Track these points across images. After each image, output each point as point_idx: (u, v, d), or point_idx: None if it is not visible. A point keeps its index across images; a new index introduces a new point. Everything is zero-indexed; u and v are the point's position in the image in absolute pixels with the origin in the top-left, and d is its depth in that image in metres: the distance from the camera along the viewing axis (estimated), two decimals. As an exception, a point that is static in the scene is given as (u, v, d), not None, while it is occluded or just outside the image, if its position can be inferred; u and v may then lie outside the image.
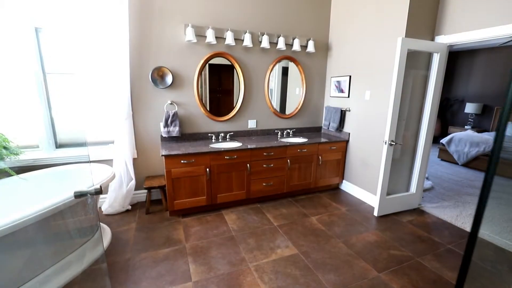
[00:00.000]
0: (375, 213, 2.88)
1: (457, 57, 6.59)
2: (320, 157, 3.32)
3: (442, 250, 2.33)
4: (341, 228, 2.66)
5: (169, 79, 2.93)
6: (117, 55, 2.65)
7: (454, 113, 6.84)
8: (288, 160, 3.14)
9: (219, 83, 3.29)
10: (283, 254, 2.23)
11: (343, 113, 3.51)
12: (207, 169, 2.74)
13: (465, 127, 6.38)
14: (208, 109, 3.25)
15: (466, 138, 4.89)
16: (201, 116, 3.21)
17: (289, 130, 3.65)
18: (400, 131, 2.85)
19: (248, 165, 2.93)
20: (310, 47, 3.47)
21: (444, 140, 5.21)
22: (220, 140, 3.22)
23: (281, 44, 3.28)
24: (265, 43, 3.20)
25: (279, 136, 3.55)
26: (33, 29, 2.49)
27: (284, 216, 2.87)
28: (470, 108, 6.27)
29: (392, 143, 2.65)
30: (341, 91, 3.52)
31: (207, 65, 3.13)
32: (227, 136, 3.28)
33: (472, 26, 2.44)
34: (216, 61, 3.17)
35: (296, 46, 3.38)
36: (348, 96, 3.42)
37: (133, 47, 2.76)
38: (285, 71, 3.59)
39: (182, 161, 2.63)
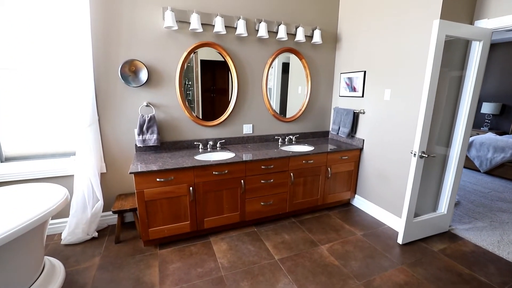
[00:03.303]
0: (399, 240, 2.34)
1: (472, 53, 6.04)
2: (329, 168, 2.77)
3: (494, 297, 1.79)
4: (359, 262, 2.11)
5: (143, 75, 2.36)
6: (76, 46, 2.08)
7: (468, 114, 6.29)
8: (291, 174, 2.58)
9: (213, 82, 2.73)
10: (288, 306, 1.68)
11: (355, 116, 2.95)
12: (191, 188, 2.19)
13: (482, 128, 5.85)
14: (200, 111, 2.69)
15: (488, 142, 4.36)
16: (185, 121, 2.65)
17: (291, 136, 3.10)
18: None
19: (242, 181, 2.37)
20: (316, 38, 2.91)
21: (462, 144, 4.66)
22: (208, 149, 2.66)
23: (281, 34, 2.72)
24: (262, 31, 2.64)
25: (279, 143, 2.99)
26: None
27: (287, 245, 2.32)
28: (487, 108, 5.74)
29: (423, 155, 2.11)
30: (353, 89, 2.97)
31: (199, 61, 2.58)
32: (218, 144, 2.72)
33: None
34: (209, 57, 2.61)
35: (300, 36, 2.82)
36: (362, 96, 2.86)
37: (96, 36, 2.20)
38: (285, 67, 3.03)
39: (158, 179, 2.07)
